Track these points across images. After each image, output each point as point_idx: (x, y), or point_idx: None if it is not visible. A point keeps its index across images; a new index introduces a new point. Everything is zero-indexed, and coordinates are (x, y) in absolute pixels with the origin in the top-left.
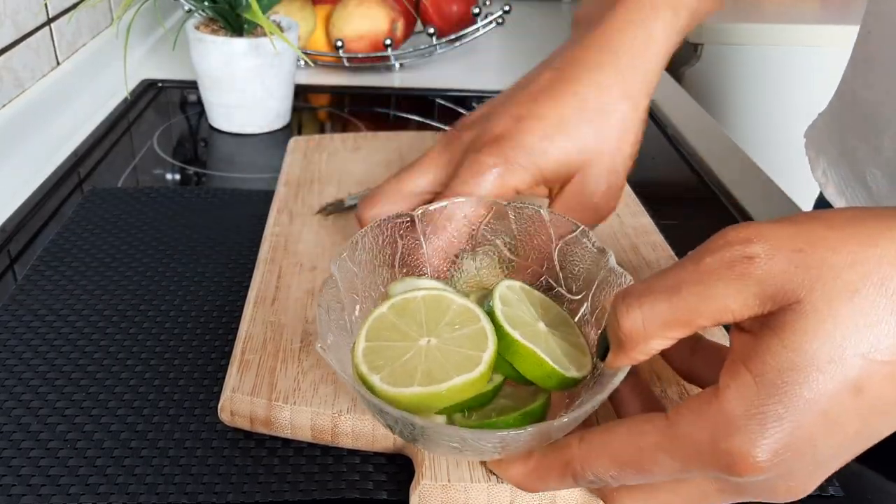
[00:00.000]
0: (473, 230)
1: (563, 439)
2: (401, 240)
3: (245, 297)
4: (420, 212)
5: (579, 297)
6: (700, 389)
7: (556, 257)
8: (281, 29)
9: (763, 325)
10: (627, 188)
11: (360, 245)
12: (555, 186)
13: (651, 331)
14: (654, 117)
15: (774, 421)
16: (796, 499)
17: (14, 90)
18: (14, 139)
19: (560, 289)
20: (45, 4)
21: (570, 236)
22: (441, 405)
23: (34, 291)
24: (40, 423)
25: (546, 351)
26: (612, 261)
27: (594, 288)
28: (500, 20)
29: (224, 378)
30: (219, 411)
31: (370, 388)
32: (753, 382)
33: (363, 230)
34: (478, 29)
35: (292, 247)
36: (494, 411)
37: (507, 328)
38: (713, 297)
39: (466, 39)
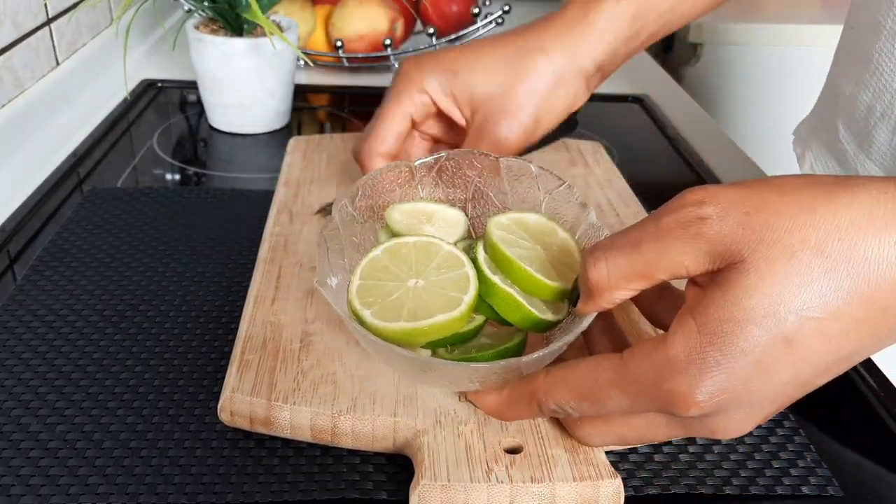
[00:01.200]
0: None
1: (532, 374)
2: (399, 188)
3: (245, 297)
4: (418, 163)
5: None
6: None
7: (543, 210)
8: (281, 29)
9: (711, 281)
10: (627, 188)
11: (360, 193)
12: (468, 115)
13: (614, 282)
14: (655, 117)
15: (713, 366)
16: (733, 437)
17: (14, 90)
18: (14, 139)
19: None
20: (45, 4)
21: (556, 190)
22: (424, 339)
23: (34, 292)
24: (40, 423)
25: (541, 271)
26: (593, 216)
27: (576, 240)
28: (499, 20)
29: (224, 378)
30: (218, 411)
31: (361, 322)
32: (697, 331)
33: (365, 177)
34: (477, 29)
35: (292, 247)
36: (475, 348)
37: (488, 273)
38: (669, 254)
39: (466, 39)
